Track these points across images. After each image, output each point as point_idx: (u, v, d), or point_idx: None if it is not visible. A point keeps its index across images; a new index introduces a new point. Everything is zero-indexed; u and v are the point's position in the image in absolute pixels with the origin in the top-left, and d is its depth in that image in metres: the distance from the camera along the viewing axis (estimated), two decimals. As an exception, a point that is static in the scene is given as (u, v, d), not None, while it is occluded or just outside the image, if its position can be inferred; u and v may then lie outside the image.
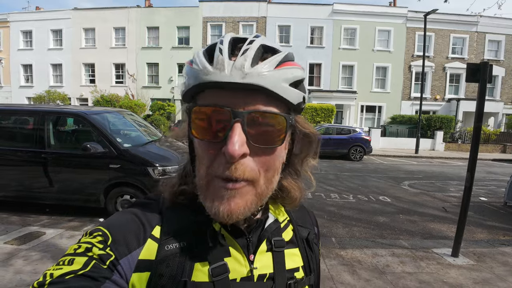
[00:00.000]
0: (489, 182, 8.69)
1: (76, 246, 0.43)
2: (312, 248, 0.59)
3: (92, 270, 0.39)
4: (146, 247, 0.45)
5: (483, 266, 3.28)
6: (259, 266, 0.50)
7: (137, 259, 0.44)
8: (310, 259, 0.57)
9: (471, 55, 20.69)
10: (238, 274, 0.48)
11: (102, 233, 0.44)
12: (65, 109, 5.21)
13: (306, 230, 0.60)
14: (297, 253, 0.56)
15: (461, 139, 18.78)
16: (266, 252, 0.52)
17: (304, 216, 0.63)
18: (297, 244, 0.57)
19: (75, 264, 0.39)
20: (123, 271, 0.42)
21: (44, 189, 4.41)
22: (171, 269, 0.44)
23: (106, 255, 0.41)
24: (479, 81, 3.37)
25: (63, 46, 21.66)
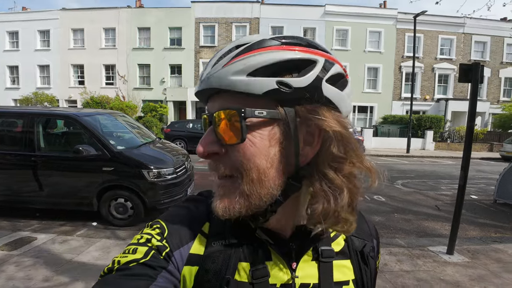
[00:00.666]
0: (478, 180, 8.87)
1: (139, 236, 0.46)
2: (368, 262, 0.54)
3: (152, 260, 0.42)
4: (197, 241, 0.47)
5: (477, 263, 3.33)
6: (301, 275, 0.48)
7: (188, 253, 0.46)
8: (364, 273, 0.53)
9: (459, 56, 21.17)
10: (278, 280, 0.47)
11: (160, 226, 0.47)
12: (55, 111, 5.08)
13: (361, 241, 0.55)
14: (349, 266, 0.52)
15: (450, 138, 19.18)
16: (311, 261, 0.50)
17: (361, 225, 0.57)
18: (349, 256, 0.53)
19: (138, 253, 0.43)
20: (176, 263, 0.44)
21: (34, 193, 4.29)
22: (216, 265, 0.45)
23: (163, 247, 0.44)
24: (471, 81, 3.43)
25: (51, 47, 21.19)
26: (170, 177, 4.23)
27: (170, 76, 20.80)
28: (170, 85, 20.69)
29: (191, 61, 20.36)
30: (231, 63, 0.40)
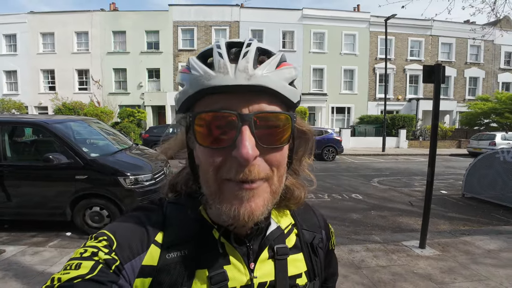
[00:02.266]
0: (448, 176, 9.35)
1: (82, 250, 0.42)
2: (317, 253, 0.58)
3: (99, 275, 0.39)
4: (149, 252, 0.45)
5: (447, 256, 3.51)
6: (259, 274, 0.50)
7: (140, 265, 0.44)
8: (315, 264, 0.56)
9: (427, 57, 22.30)
10: (238, 282, 0.48)
11: (107, 238, 0.44)
12: (22, 118, 4.84)
13: (311, 234, 0.59)
14: (301, 258, 0.55)
15: (422, 136, 20.10)
16: (267, 259, 0.52)
17: (310, 219, 0.62)
18: (301, 249, 0.56)
19: (82, 268, 0.39)
20: (127, 276, 0.42)
21: (2, 204, 4.05)
22: (171, 277, 0.44)
23: (112, 260, 0.41)
24: (434, 82, 3.63)
25: (18, 51, 20.12)
26: (148, 184, 4.14)
27: (148, 81, 20.36)
28: (148, 89, 20.25)
29: (169, 65, 20.04)
30: (281, 68, 0.43)
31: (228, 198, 0.42)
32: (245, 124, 0.40)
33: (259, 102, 0.42)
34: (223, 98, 0.41)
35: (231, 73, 0.40)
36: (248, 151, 0.39)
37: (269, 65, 0.42)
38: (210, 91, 0.41)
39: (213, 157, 0.42)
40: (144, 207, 0.52)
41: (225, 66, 0.40)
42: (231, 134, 0.40)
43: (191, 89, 0.42)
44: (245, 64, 0.40)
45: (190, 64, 0.43)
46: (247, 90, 0.41)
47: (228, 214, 0.42)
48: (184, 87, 0.44)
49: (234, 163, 0.41)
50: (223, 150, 0.41)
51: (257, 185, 0.42)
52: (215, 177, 0.42)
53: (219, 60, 0.41)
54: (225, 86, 0.40)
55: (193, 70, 0.42)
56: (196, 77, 0.41)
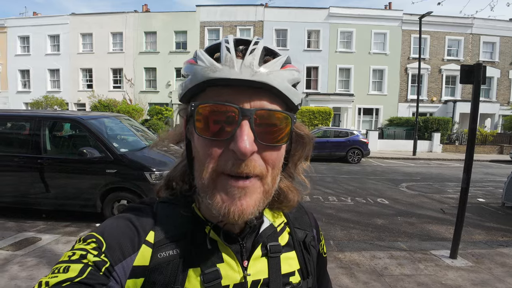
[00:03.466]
0: (486, 183, 8.72)
1: (71, 253, 0.42)
2: (310, 251, 0.58)
3: (89, 277, 0.39)
4: (141, 253, 0.45)
5: (481, 268, 3.27)
6: (253, 272, 0.50)
7: (131, 266, 0.43)
8: (307, 262, 0.56)
9: (467, 56, 20.89)
10: (231, 280, 0.48)
11: (96, 240, 0.43)
12: (62, 114, 5.19)
13: (303, 232, 0.59)
14: (294, 256, 0.55)
15: (459, 141, 18.88)
16: (261, 257, 0.51)
17: (302, 217, 0.62)
18: (293, 247, 0.56)
19: (70, 271, 0.39)
20: (118, 278, 0.42)
21: (41, 194, 4.38)
22: (164, 277, 0.44)
23: (102, 262, 0.41)
24: (473, 83, 3.40)
25: (61, 51, 21.67)
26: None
27: (175, 80, 21.03)
28: (175, 88, 20.91)
29: (196, 65, 20.53)
30: (285, 69, 0.43)
31: (220, 194, 0.42)
32: (245, 119, 0.40)
33: (260, 99, 0.42)
34: (226, 92, 0.41)
35: (237, 68, 0.40)
36: (246, 145, 0.39)
37: (274, 64, 0.42)
38: (214, 83, 0.41)
39: (211, 149, 0.42)
40: (134, 208, 0.51)
41: (231, 60, 0.40)
42: (231, 127, 0.41)
43: (195, 79, 0.42)
44: (251, 60, 0.41)
45: (197, 56, 0.44)
46: (251, 86, 0.41)
47: (219, 210, 0.42)
48: (188, 77, 0.44)
49: (231, 156, 0.41)
50: (221, 142, 0.41)
51: (250, 183, 0.42)
52: (211, 169, 0.42)
53: (226, 54, 0.41)
54: (229, 79, 0.40)
55: (200, 61, 0.42)
56: (202, 68, 0.42)
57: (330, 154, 12.48)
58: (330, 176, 9.13)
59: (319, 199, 6.27)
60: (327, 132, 13.09)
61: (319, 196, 6.50)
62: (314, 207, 5.67)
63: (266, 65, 0.42)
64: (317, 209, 5.55)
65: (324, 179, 8.49)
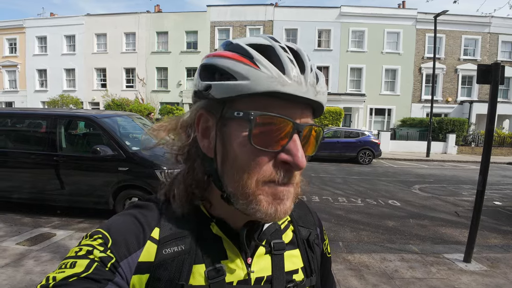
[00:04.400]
0: (504, 186, 8.44)
1: (77, 249, 0.43)
2: (313, 249, 0.58)
3: (95, 273, 0.39)
4: (146, 249, 0.45)
5: (496, 272, 3.18)
6: (256, 269, 0.50)
7: (137, 261, 0.44)
8: (311, 260, 0.56)
9: (484, 56, 20.26)
10: (235, 277, 0.48)
11: (102, 236, 0.44)
12: (76, 112, 5.32)
13: (307, 230, 0.59)
14: (297, 254, 0.55)
15: (475, 142, 18.33)
16: (264, 255, 0.52)
17: (306, 216, 0.62)
18: (297, 245, 0.56)
19: (77, 267, 0.40)
20: (123, 273, 0.42)
21: (56, 191, 4.49)
22: (168, 272, 0.44)
23: (107, 258, 0.42)
24: (491, 83, 3.29)
25: (76, 51, 22.24)
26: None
27: (186, 79, 21.25)
28: (186, 87, 21.12)
29: (207, 64, 20.74)
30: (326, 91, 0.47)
31: (267, 197, 0.43)
32: (297, 133, 0.42)
33: (307, 115, 0.45)
34: (280, 103, 0.42)
35: (304, 85, 0.42)
36: (303, 159, 0.42)
37: (324, 85, 0.45)
38: (279, 96, 0.41)
39: (261, 158, 0.42)
40: (140, 205, 0.52)
41: (299, 77, 0.41)
42: (283, 140, 0.42)
43: (257, 87, 0.40)
44: (313, 80, 0.43)
45: (254, 58, 0.41)
46: (307, 103, 0.44)
47: (266, 212, 0.43)
48: (241, 80, 0.41)
49: (282, 166, 0.43)
50: (270, 153, 0.43)
51: (292, 188, 0.45)
52: (257, 177, 0.42)
53: (292, 67, 0.41)
54: (297, 96, 0.41)
55: (263, 68, 0.40)
56: (267, 77, 0.40)
57: (340, 155, 12.33)
58: (340, 177, 9.03)
59: (329, 200, 6.22)
60: (338, 132, 12.94)
61: (329, 197, 6.44)
62: (323, 207, 5.62)
63: (320, 85, 0.44)
64: (327, 210, 5.50)
65: (334, 180, 8.40)
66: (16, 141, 4.83)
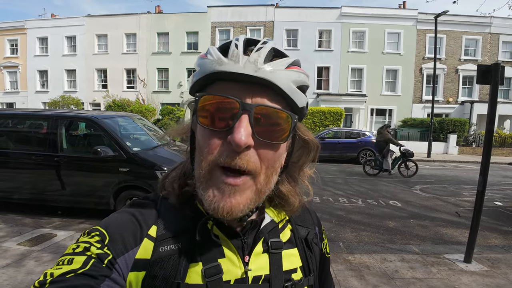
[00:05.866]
0: (505, 186, 8.42)
1: (75, 246, 0.43)
2: (312, 248, 0.58)
3: (92, 269, 0.40)
4: (143, 246, 0.46)
5: (497, 272, 3.17)
6: (254, 267, 0.50)
7: (133, 258, 0.44)
8: (309, 259, 0.56)
9: (485, 56, 20.23)
10: (232, 275, 0.48)
11: (100, 233, 0.45)
12: (77, 113, 5.33)
13: (305, 229, 0.59)
14: (295, 253, 0.55)
15: (476, 143, 18.29)
16: (262, 253, 0.52)
17: (304, 215, 0.62)
18: (295, 244, 0.56)
19: (74, 263, 0.40)
20: (120, 270, 0.43)
21: (57, 191, 4.51)
22: (165, 270, 0.44)
23: (104, 254, 0.42)
24: (490, 83, 3.29)
25: (77, 52, 22.29)
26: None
27: (187, 80, 21.26)
28: (187, 88, 21.08)
29: (207, 65, 20.77)
30: (290, 70, 0.44)
31: (212, 188, 0.43)
32: (245, 113, 0.41)
33: (262, 96, 0.43)
34: (231, 87, 0.43)
35: (241, 63, 0.41)
36: (242, 137, 0.40)
37: (279, 64, 0.43)
38: (219, 76, 0.42)
39: (211, 139, 0.43)
40: (138, 203, 0.53)
41: (237, 55, 0.42)
42: (231, 120, 0.42)
43: (202, 72, 0.44)
44: (256, 57, 0.42)
45: (208, 51, 0.46)
46: (253, 82, 0.42)
47: (209, 204, 0.43)
48: (197, 71, 0.46)
49: (227, 147, 0.42)
50: (221, 133, 0.42)
51: (241, 181, 0.42)
52: (208, 160, 0.43)
53: (233, 50, 0.43)
54: (233, 73, 0.41)
55: (209, 55, 0.44)
56: (210, 61, 0.43)
57: (341, 155, 12.32)
58: (341, 177, 9.02)
59: (329, 200, 6.21)
60: (338, 133, 12.94)
61: (329, 197, 6.44)
62: (324, 208, 5.62)
63: (271, 63, 0.42)
64: (327, 210, 5.50)
65: (335, 180, 8.40)
66: (17, 142, 4.85)
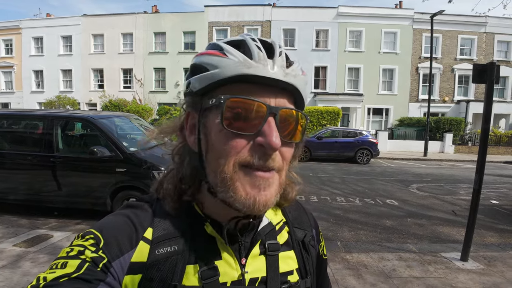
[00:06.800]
0: (500, 185, 8.50)
1: (69, 249, 0.43)
2: (309, 251, 0.58)
3: (86, 273, 0.39)
4: (138, 249, 0.45)
5: (493, 271, 3.20)
6: (250, 270, 0.49)
7: (129, 262, 0.44)
8: (306, 261, 0.56)
9: (480, 56, 20.39)
10: (229, 277, 0.48)
11: (94, 236, 0.44)
12: (73, 113, 5.29)
13: (302, 232, 0.59)
14: (292, 256, 0.55)
15: (472, 141, 18.45)
16: (259, 255, 0.51)
17: (301, 217, 0.62)
18: (292, 247, 0.56)
19: (68, 267, 0.39)
20: (115, 274, 0.42)
21: (53, 192, 4.47)
22: (161, 273, 0.44)
23: (99, 258, 0.41)
24: (486, 82, 3.32)
25: (73, 52, 22.13)
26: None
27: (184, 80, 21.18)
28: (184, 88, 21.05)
29: (205, 65, 20.73)
30: (304, 75, 0.47)
31: (244, 186, 0.42)
32: (271, 115, 0.42)
33: (283, 99, 0.45)
34: (254, 88, 0.43)
35: (270, 66, 0.42)
36: (276, 140, 0.41)
37: (297, 69, 0.46)
38: (245, 79, 0.42)
39: (236, 142, 0.42)
40: (133, 205, 0.52)
41: (264, 59, 0.42)
42: (257, 123, 0.42)
43: (226, 73, 0.42)
44: (282, 62, 0.43)
45: (224, 49, 0.44)
46: (278, 86, 0.43)
47: (244, 202, 0.42)
48: (212, 69, 0.43)
49: (258, 150, 0.42)
50: (246, 136, 0.42)
51: (271, 175, 0.43)
52: (234, 162, 0.42)
53: (258, 52, 0.43)
54: (264, 77, 0.42)
55: (230, 56, 0.43)
56: (234, 63, 0.42)
57: (338, 155, 12.36)
58: (338, 176, 9.05)
59: (327, 199, 6.23)
60: (336, 132, 12.97)
61: (327, 196, 6.45)
62: (321, 207, 5.63)
63: (292, 68, 0.44)
64: (325, 209, 5.51)
65: (332, 180, 8.42)
66: (12, 143, 4.81)
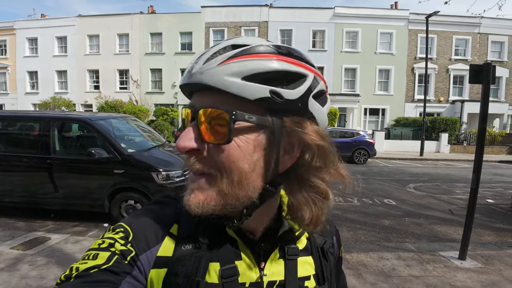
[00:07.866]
0: (496, 184, 8.59)
1: (100, 241, 0.44)
2: (327, 258, 0.57)
3: (115, 265, 0.41)
4: (164, 244, 0.46)
5: (491, 269, 3.23)
6: (269, 273, 0.50)
7: (155, 256, 0.45)
8: (324, 268, 0.56)
9: (474, 56, 20.60)
10: (248, 278, 0.48)
11: (124, 229, 0.46)
12: (70, 115, 5.26)
13: (322, 238, 0.58)
14: (310, 261, 0.55)
15: (467, 141, 18.63)
16: (278, 259, 0.52)
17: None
18: (310, 252, 0.55)
19: (99, 258, 0.41)
20: (142, 267, 0.43)
21: (50, 194, 4.43)
22: (186, 268, 0.45)
23: (127, 251, 0.43)
24: (483, 83, 3.35)
25: (68, 52, 21.94)
26: (179, 180, 4.28)
27: (182, 80, 21.13)
28: (178, 92, 21.03)
29: (202, 65, 20.69)
30: (226, 63, 0.40)
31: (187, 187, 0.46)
32: (193, 119, 0.43)
33: (208, 99, 0.42)
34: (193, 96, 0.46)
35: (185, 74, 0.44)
36: (180, 142, 0.42)
37: (210, 62, 0.41)
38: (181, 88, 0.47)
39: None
40: (160, 201, 0.54)
41: (189, 68, 0.43)
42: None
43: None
44: (193, 64, 0.42)
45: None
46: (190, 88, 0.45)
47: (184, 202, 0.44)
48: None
49: None
50: None
51: (197, 178, 0.43)
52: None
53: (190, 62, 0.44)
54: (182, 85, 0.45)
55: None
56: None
57: (335, 155, 12.38)
58: (336, 176, 9.06)
59: (325, 199, 6.24)
60: (333, 132, 13.01)
61: (325, 196, 6.47)
62: (320, 207, 5.64)
63: (206, 64, 0.41)
64: (323, 209, 5.52)
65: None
66: (8, 144, 4.75)
